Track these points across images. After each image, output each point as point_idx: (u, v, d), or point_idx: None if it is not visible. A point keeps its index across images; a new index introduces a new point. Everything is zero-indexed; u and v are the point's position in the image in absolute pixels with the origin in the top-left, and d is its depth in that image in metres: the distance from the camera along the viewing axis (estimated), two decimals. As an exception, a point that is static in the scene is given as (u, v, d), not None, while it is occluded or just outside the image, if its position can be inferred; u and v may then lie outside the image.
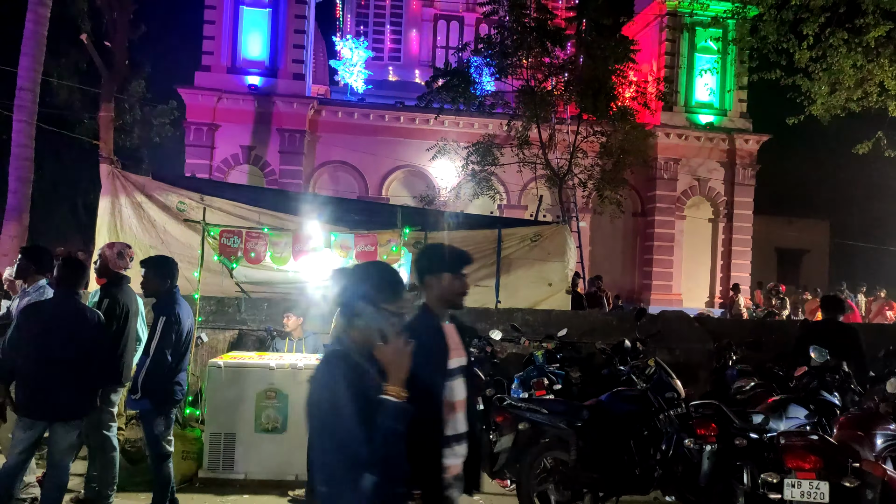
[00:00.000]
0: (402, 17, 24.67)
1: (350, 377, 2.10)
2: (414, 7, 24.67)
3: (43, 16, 10.15)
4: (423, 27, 24.84)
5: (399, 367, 2.11)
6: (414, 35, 24.80)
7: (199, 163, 20.39)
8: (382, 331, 2.15)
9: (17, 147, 9.84)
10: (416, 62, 24.74)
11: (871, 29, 10.46)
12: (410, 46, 24.79)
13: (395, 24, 24.69)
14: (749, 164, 22.74)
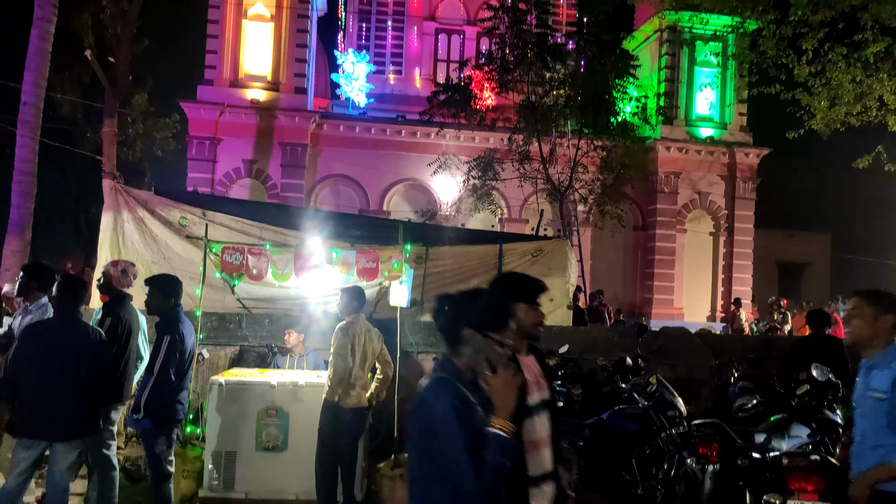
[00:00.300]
0: (404, 31, 24.83)
1: (457, 407, 2.04)
2: (415, 21, 24.82)
3: (48, 31, 10.22)
4: (424, 41, 24.99)
5: (507, 399, 2.04)
6: (415, 49, 24.94)
7: (201, 176, 20.46)
8: (490, 360, 2.09)
9: (21, 162, 9.87)
10: (417, 76, 24.86)
11: (870, 44, 10.52)
12: (412, 60, 24.93)
13: (397, 38, 24.84)
14: (749, 178, 22.78)
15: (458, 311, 2.20)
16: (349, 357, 5.39)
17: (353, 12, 25.27)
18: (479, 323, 2.15)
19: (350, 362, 5.38)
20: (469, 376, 2.14)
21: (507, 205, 21.51)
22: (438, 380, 2.16)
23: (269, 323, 8.10)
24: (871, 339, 3.16)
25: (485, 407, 2.07)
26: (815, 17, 10.93)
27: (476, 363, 2.12)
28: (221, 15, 20.85)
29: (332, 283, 7.36)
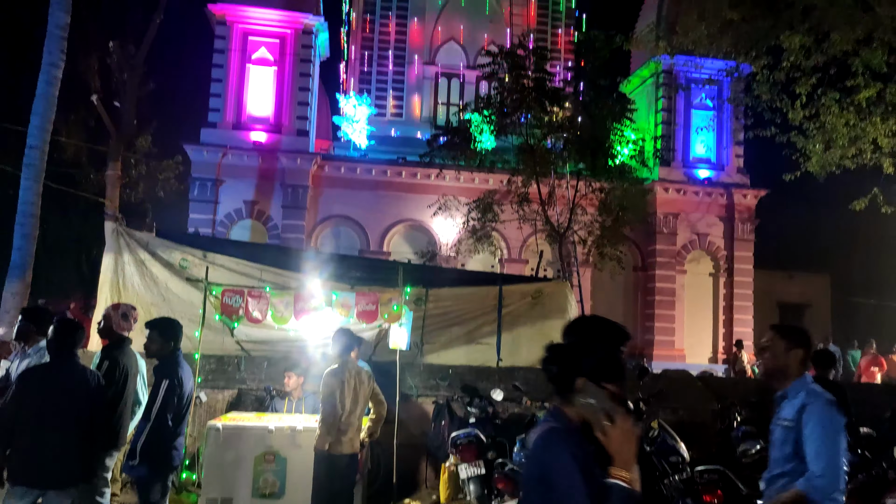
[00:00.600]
0: (405, 75, 25.28)
1: (577, 456, 2.00)
2: (416, 66, 25.30)
3: (56, 77, 10.40)
4: (424, 84, 25.42)
5: (627, 449, 2.00)
6: (416, 92, 25.36)
7: (203, 217, 20.58)
8: (607, 410, 2.04)
9: (24, 204, 9.94)
10: (417, 118, 25.22)
11: (862, 89, 10.71)
12: (412, 103, 25.32)
13: (398, 82, 25.28)
14: (748, 219, 22.91)
15: (570, 361, 2.18)
16: (338, 403, 5.35)
17: (355, 57, 25.78)
18: (595, 373, 2.13)
19: (339, 409, 5.34)
20: (581, 427, 2.11)
21: (507, 245, 21.58)
22: (552, 430, 2.14)
23: (267, 366, 8.06)
24: (784, 372, 3.29)
25: (599, 458, 2.04)
26: (807, 63, 11.16)
27: (591, 414, 2.08)
28: (226, 59, 21.28)
29: (332, 325, 7.34)
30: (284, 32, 21.66)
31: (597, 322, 2.29)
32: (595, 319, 2.30)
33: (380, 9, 25.30)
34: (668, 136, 22.49)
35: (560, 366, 2.19)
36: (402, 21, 25.34)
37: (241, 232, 20.97)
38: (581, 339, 2.25)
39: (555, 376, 2.21)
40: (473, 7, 25.59)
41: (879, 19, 10.06)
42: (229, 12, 21.24)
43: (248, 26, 21.49)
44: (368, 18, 25.38)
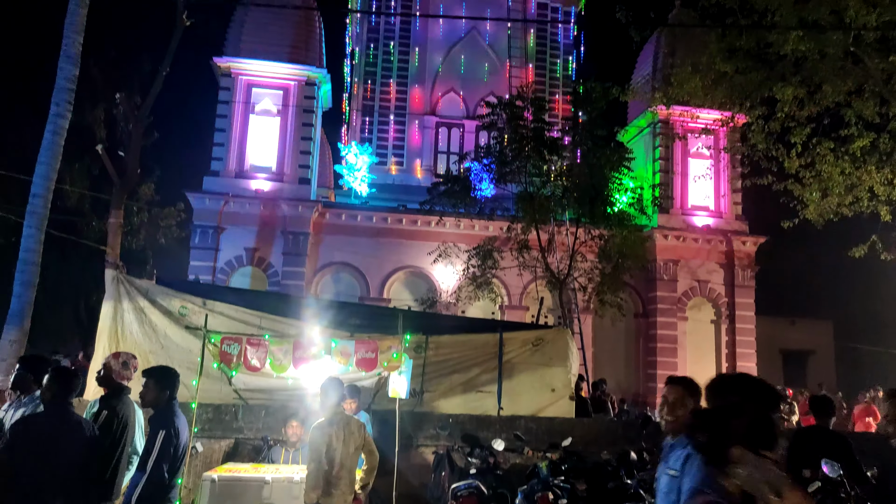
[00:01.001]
0: (406, 124, 25.71)
1: None
2: (417, 116, 25.75)
3: (62, 127, 10.57)
4: (424, 134, 25.82)
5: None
6: (416, 141, 25.74)
7: (204, 265, 20.61)
8: (771, 483, 1.85)
9: (26, 252, 9.97)
10: (418, 166, 25.54)
11: (856, 139, 10.88)
12: (413, 151, 25.68)
13: (399, 132, 25.69)
14: (748, 266, 22.93)
15: (721, 428, 2.00)
16: (323, 459, 5.28)
17: (356, 108, 26.27)
18: (750, 440, 1.95)
19: (324, 464, 5.26)
20: (741, 499, 1.92)
21: (508, 292, 21.55)
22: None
23: (265, 415, 7.96)
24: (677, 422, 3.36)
25: None
26: (801, 113, 11.39)
27: (753, 485, 1.90)
28: (230, 109, 21.66)
29: (330, 373, 7.28)
30: (288, 84, 22.11)
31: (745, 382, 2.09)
32: (743, 379, 2.09)
33: (381, 63, 25.91)
34: (667, 184, 22.71)
35: (710, 433, 2.00)
36: (404, 74, 25.91)
37: (241, 279, 20.97)
38: (730, 402, 2.06)
39: (705, 446, 2.01)
40: (474, 59, 26.21)
41: (869, 72, 10.30)
42: (234, 65, 21.73)
43: (252, 78, 21.96)
44: (370, 71, 25.97)
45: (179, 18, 11.03)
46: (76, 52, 10.60)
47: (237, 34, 21.98)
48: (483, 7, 26.26)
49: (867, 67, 10.35)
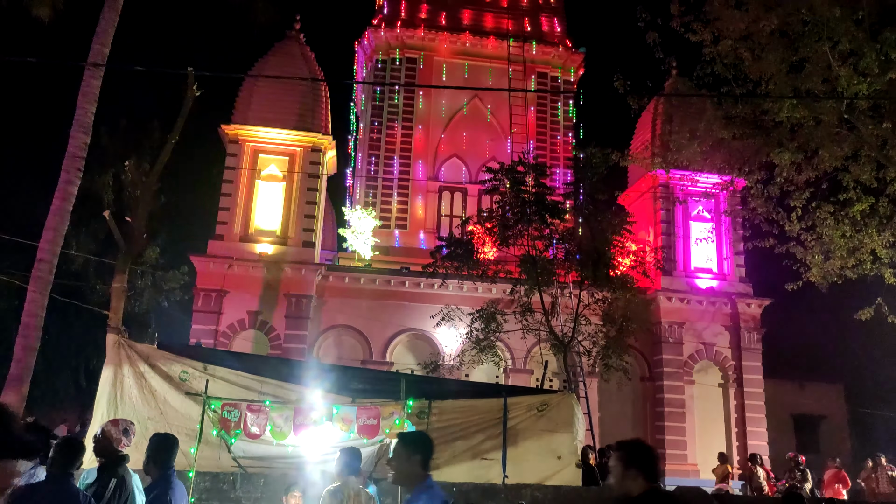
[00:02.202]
0: (409, 188, 26.09)
1: None
2: (420, 180, 26.17)
3: (71, 193, 10.77)
4: (428, 197, 26.17)
5: None
6: (420, 204, 26.06)
7: (206, 328, 20.52)
8: None
9: (28, 317, 9.99)
10: (421, 229, 25.77)
11: (855, 203, 10.98)
12: (416, 214, 25.95)
13: (402, 195, 26.04)
14: (754, 328, 22.73)
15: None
16: None
17: (361, 172, 26.75)
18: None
19: None
20: None
21: (512, 356, 21.33)
22: None
23: (264, 484, 7.77)
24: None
25: None
26: (799, 177, 11.53)
27: None
28: (236, 175, 22.04)
29: (331, 441, 7.15)
30: (294, 150, 22.57)
31: None
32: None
33: (386, 127, 26.53)
34: (669, 247, 22.79)
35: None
36: (407, 139, 26.48)
37: (243, 343, 20.84)
38: None
39: None
40: (476, 125, 26.84)
41: (864, 138, 10.49)
42: (242, 132, 22.26)
43: (259, 144, 22.44)
44: (375, 136, 26.56)
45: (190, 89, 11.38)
46: (88, 121, 10.91)
47: (246, 102, 22.61)
48: (484, 75, 27.10)
49: (862, 134, 10.55)
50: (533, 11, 28.41)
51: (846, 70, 9.99)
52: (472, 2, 28.09)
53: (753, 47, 11.25)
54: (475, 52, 27.32)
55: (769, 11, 10.92)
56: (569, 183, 21.92)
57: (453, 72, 27.13)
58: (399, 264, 22.95)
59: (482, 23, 27.90)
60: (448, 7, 27.77)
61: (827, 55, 10.26)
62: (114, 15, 11.52)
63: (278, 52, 23.46)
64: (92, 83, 11.04)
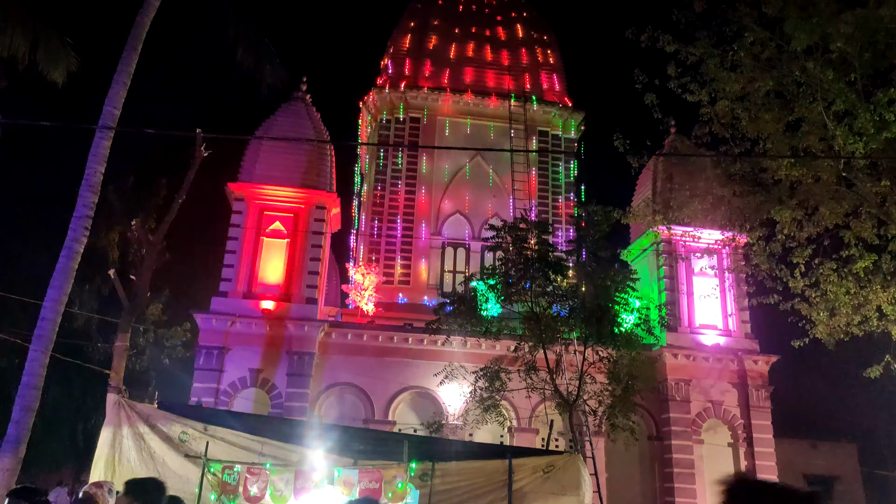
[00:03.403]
0: (412, 244, 26.24)
1: None
2: (423, 237, 26.35)
3: (77, 252, 10.83)
4: (431, 254, 26.29)
5: None
6: (423, 260, 26.16)
7: (207, 387, 20.30)
8: None
9: (29, 376, 9.89)
10: (424, 285, 25.77)
11: (858, 260, 10.98)
12: (419, 271, 26.01)
13: (405, 251, 26.16)
14: (762, 386, 22.38)
15: None
16: None
17: (365, 228, 26.97)
18: None
19: None
20: None
21: (516, 415, 20.96)
22: None
23: (262, 551, 7.53)
24: None
25: None
26: (801, 234, 11.57)
27: None
28: (241, 232, 22.21)
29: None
30: (298, 208, 22.83)
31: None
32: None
33: (389, 184, 26.90)
34: (673, 303, 22.69)
35: None
36: (411, 195, 26.82)
37: (244, 402, 20.58)
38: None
39: None
40: (478, 181, 27.21)
41: (863, 195, 10.58)
42: (248, 190, 22.56)
43: (264, 202, 22.71)
44: (379, 192, 26.91)
45: (198, 150, 11.61)
46: (97, 181, 11.07)
47: (252, 161, 23.00)
48: (486, 133, 27.66)
49: (861, 191, 10.65)
50: (533, 70, 29.18)
51: (842, 130, 10.16)
52: (474, 61, 28.93)
53: (750, 107, 11.48)
54: (477, 111, 27.97)
55: (764, 73, 11.20)
56: (571, 240, 22.06)
57: (456, 130, 27.70)
58: (402, 321, 22.85)
59: (484, 82, 28.64)
60: (451, 67, 28.57)
61: (822, 115, 10.46)
62: (126, 78, 11.84)
63: (285, 112, 24.01)
64: (102, 144, 11.26)
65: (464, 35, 29.24)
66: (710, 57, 11.52)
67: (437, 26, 29.31)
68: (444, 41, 28.97)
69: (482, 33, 29.52)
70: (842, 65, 10.56)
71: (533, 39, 29.88)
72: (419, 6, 30.40)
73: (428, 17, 29.64)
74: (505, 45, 29.42)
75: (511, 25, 30.10)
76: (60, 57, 12.46)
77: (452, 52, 28.81)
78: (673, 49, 11.70)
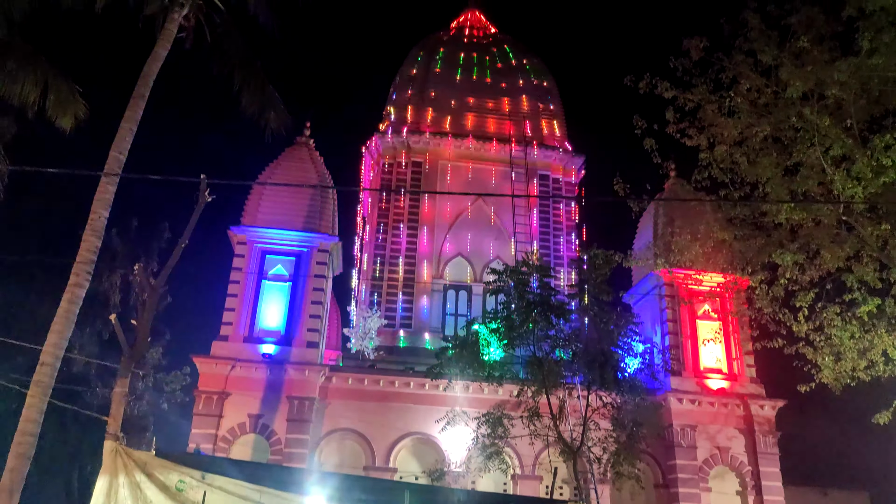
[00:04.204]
0: (413, 287, 26.20)
1: None
2: (425, 279, 26.33)
3: (79, 296, 10.81)
4: (433, 296, 26.24)
5: None
6: (424, 303, 26.10)
7: (206, 433, 19.99)
8: None
9: (25, 422, 9.75)
10: (426, 328, 25.64)
11: (861, 304, 10.94)
12: (421, 313, 25.92)
13: (407, 294, 26.11)
14: (769, 432, 21.97)
15: None
16: None
17: (366, 271, 26.99)
18: None
19: None
20: None
21: (520, 462, 20.55)
22: None
23: None
24: None
25: None
26: (803, 277, 11.56)
27: None
28: (243, 275, 22.20)
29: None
30: (300, 251, 22.87)
31: None
32: None
33: (391, 226, 27.04)
34: (677, 347, 22.47)
35: None
36: (413, 238, 26.92)
37: (243, 448, 20.25)
38: None
39: None
40: (479, 223, 27.36)
41: (864, 238, 10.60)
42: (250, 234, 22.66)
43: (266, 245, 22.77)
44: (381, 235, 27.03)
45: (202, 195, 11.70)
46: (101, 225, 11.14)
47: (255, 204, 23.15)
48: (487, 176, 27.95)
49: (861, 235, 10.68)
50: (534, 117, 29.65)
51: (840, 174, 10.26)
52: (476, 108, 29.43)
53: (748, 152, 11.62)
54: (478, 156, 28.34)
55: (761, 118, 11.38)
56: (573, 284, 22.02)
57: (458, 173, 28.01)
58: (404, 364, 22.65)
59: (485, 128, 29.09)
60: (452, 114, 29.04)
61: (820, 160, 10.57)
62: (132, 125, 12.03)
63: (289, 156, 24.29)
64: (107, 189, 11.36)
65: (465, 83, 29.81)
66: (707, 103, 11.72)
67: (439, 74, 29.90)
68: (445, 90, 29.52)
69: (483, 81, 30.09)
70: (838, 111, 10.73)
71: (534, 87, 30.44)
72: (421, 53, 31.07)
73: (430, 65, 30.25)
74: (506, 93, 29.96)
75: (512, 73, 30.69)
76: (69, 104, 12.69)
77: (454, 101, 29.33)
78: (671, 95, 11.90)
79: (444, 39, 32.15)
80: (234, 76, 14.20)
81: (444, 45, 31.56)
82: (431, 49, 31.15)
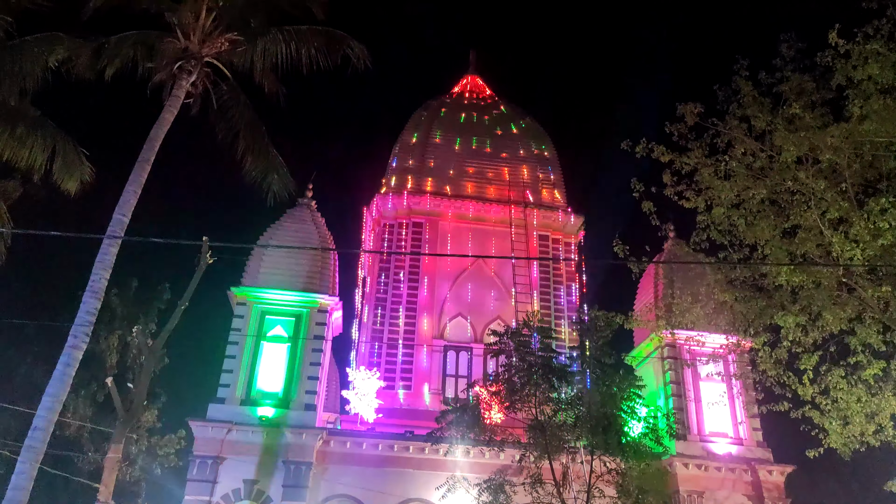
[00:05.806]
0: (414, 348, 25.95)
1: None
2: (425, 339, 26.12)
3: (75, 358, 10.71)
4: (433, 357, 25.96)
5: None
6: (424, 364, 25.80)
7: (199, 499, 19.42)
8: None
9: (14, 490, 9.50)
10: (426, 391, 25.27)
11: (866, 366, 10.79)
12: (421, 376, 25.59)
13: (407, 355, 25.85)
14: (778, 498, 21.29)
15: None
16: None
17: (365, 339, 26.79)
18: None
19: None
20: None
21: (523, 530, 19.90)
22: None
23: None
24: None
25: None
26: (806, 339, 11.44)
27: None
28: (242, 336, 22.01)
29: None
30: (300, 312, 22.76)
31: None
32: None
33: (392, 287, 27.01)
34: (681, 410, 22.03)
35: None
36: (413, 298, 26.85)
37: (235, 516, 19.61)
38: None
39: None
40: (480, 287, 27.35)
41: (866, 300, 10.55)
42: (250, 294, 22.59)
43: (266, 306, 22.67)
44: (381, 296, 26.95)
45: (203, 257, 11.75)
46: (101, 287, 11.13)
47: (256, 265, 23.19)
48: (487, 237, 28.12)
49: (862, 296, 10.63)
50: (533, 184, 30.06)
51: (838, 237, 10.30)
52: (475, 176, 29.95)
53: (746, 214, 11.69)
54: (479, 217, 28.63)
55: (757, 181, 11.50)
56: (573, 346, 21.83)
57: (458, 234, 28.19)
58: (403, 427, 22.20)
59: (485, 192, 29.50)
60: (452, 181, 29.51)
61: (818, 222, 10.63)
62: (136, 188, 12.19)
63: (290, 217, 24.48)
64: (109, 251, 11.42)
65: (465, 151, 30.27)
66: (703, 166, 11.87)
67: (439, 144, 30.34)
68: (445, 159, 29.99)
69: (483, 150, 30.56)
70: (833, 174, 10.86)
71: (534, 156, 30.90)
72: (422, 117, 31.71)
73: (430, 133, 30.68)
74: (506, 162, 30.44)
75: (512, 141, 31.15)
76: (75, 168, 12.91)
77: (453, 170, 29.79)
78: (667, 159, 12.08)
79: (443, 105, 32.82)
80: (238, 140, 14.48)
81: (443, 111, 32.19)
82: (431, 116, 31.73)
